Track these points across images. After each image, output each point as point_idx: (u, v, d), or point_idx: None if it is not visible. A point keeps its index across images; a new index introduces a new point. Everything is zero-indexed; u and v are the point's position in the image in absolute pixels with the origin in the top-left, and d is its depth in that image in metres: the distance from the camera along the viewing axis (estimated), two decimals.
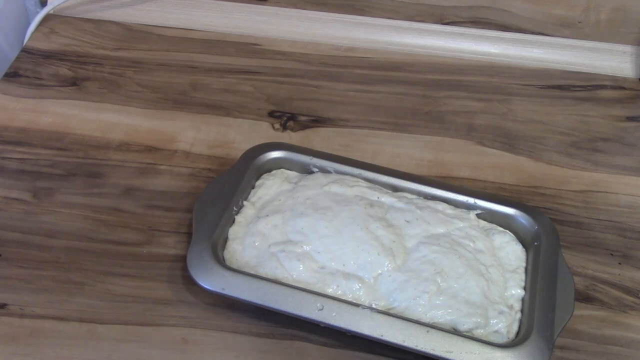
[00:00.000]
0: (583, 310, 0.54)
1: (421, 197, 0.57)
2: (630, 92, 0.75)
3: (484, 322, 0.49)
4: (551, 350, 0.47)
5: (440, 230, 0.54)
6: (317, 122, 0.69)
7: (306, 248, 0.52)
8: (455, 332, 0.48)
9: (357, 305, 0.48)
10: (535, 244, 0.54)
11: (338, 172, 0.59)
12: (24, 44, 0.77)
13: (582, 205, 0.62)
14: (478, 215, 0.56)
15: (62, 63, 0.74)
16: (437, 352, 0.46)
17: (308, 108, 0.71)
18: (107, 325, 0.51)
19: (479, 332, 0.49)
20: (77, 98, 0.70)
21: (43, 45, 0.76)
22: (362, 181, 0.58)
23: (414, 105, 0.72)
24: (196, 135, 0.67)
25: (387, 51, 0.78)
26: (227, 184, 0.56)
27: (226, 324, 0.51)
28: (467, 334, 0.48)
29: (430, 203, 0.57)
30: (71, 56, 0.75)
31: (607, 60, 0.78)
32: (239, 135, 0.67)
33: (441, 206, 0.56)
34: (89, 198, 0.60)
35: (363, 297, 0.50)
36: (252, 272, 0.51)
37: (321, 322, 0.48)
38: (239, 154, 0.60)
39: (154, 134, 0.66)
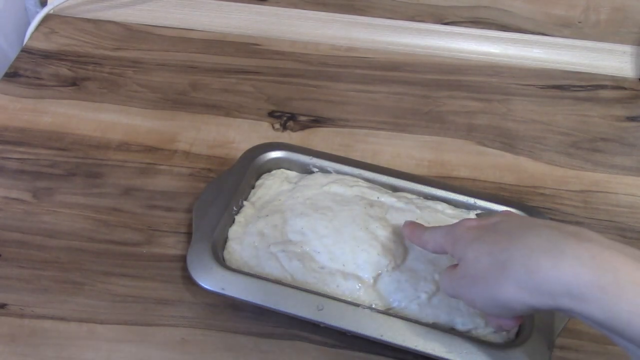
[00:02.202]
0: None
1: (421, 197, 0.57)
2: (630, 92, 0.75)
3: (483, 322, 0.49)
4: (551, 350, 0.47)
5: None
6: (317, 122, 0.69)
7: (306, 248, 0.52)
8: (455, 332, 0.48)
9: (357, 305, 0.48)
10: None
11: (338, 172, 0.59)
12: (24, 44, 0.77)
13: (582, 205, 0.62)
14: (478, 215, 0.56)
15: (62, 63, 0.74)
16: (437, 353, 0.46)
17: (308, 108, 0.71)
18: (107, 325, 0.51)
19: (479, 332, 0.49)
20: (77, 98, 0.70)
21: (43, 45, 0.76)
22: (362, 181, 0.58)
23: (414, 105, 0.72)
24: (196, 135, 0.67)
25: (387, 51, 0.78)
26: (227, 184, 0.56)
27: (226, 324, 0.51)
28: (467, 334, 0.48)
29: (430, 203, 0.57)
30: (71, 56, 0.75)
31: (607, 60, 0.78)
32: (239, 135, 0.67)
33: (441, 206, 0.56)
34: (89, 198, 0.60)
35: (363, 297, 0.50)
36: (252, 272, 0.51)
37: (321, 322, 0.48)
38: (239, 154, 0.60)
39: (153, 134, 0.66)
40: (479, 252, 0.41)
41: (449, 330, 0.48)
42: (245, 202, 0.56)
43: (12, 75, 0.72)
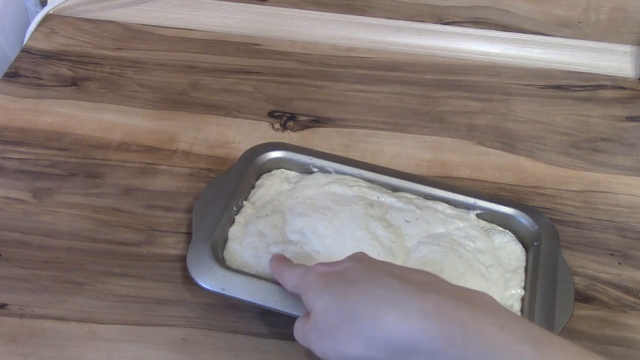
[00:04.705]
0: (583, 310, 0.54)
1: (421, 197, 0.57)
2: (630, 92, 0.75)
3: None
4: None
5: (440, 230, 0.54)
6: (317, 122, 0.69)
7: (306, 248, 0.52)
8: None
9: None
10: (535, 244, 0.54)
11: (338, 172, 0.59)
12: (24, 44, 0.77)
13: (582, 205, 0.62)
14: (478, 215, 0.57)
15: (62, 63, 0.74)
16: None
17: (308, 108, 0.71)
18: (107, 325, 0.51)
19: None
20: (77, 98, 0.70)
21: (43, 45, 0.76)
22: (362, 181, 0.58)
23: (414, 105, 0.72)
24: (196, 135, 0.67)
25: (387, 51, 0.78)
26: (227, 184, 0.56)
27: (226, 324, 0.51)
28: None
29: (430, 203, 0.57)
30: (71, 56, 0.75)
31: (607, 60, 0.78)
32: (239, 135, 0.67)
33: (441, 206, 0.56)
34: (89, 198, 0.60)
35: None
36: (252, 272, 0.51)
37: None
38: (239, 154, 0.60)
39: (154, 134, 0.66)
40: (328, 304, 0.40)
41: None
42: (245, 202, 0.56)
43: (12, 75, 0.72)
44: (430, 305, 0.36)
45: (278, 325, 0.51)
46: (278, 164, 0.60)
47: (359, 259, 0.43)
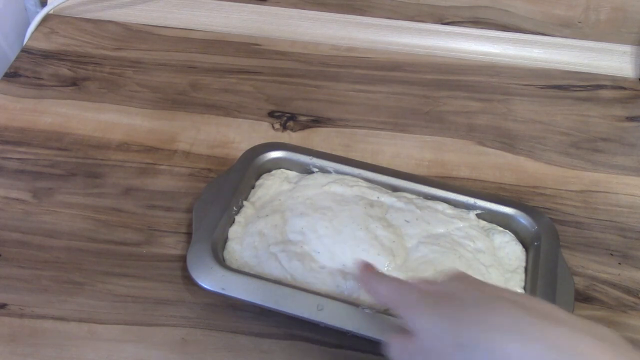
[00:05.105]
0: (583, 310, 0.54)
1: (421, 197, 0.57)
2: (630, 92, 0.75)
3: None
4: None
5: (440, 230, 0.54)
6: (317, 122, 0.69)
7: (306, 248, 0.52)
8: None
9: (357, 305, 0.48)
10: (535, 244, 0.54)
11: (338, 172, 0.59)
12: (24, 44, 0.77)
13: (582, 205, 0.62)
14: (478, 215, 0.56)
15: (62, 63, 0.74)
16: None
17: (308, 108, 0.71)
18: (107, 325, 0.51)
19: None
20: (77, 98, 0.70)
21: (43, 45, 0.76)
22: (362, 181, 0.58)
23: (414, 105, 0.72)
24: (196, 135, 0.67)
25: (387, 51, 0.78)
26: (227, 184, 0.56)
27: (226, 324, 0.51)
28: None
29: (430, 203, 0.57)
30: (71, 56, 0.75)
31: (607, 60, 0.78)
32: (239, 135, 0.67)
33: (441, 206, 0.56)
34: (89, 198, 0.60)
35: (363, 297, 0.49)
36: (252, 272, 0.51)
37: (321, 322, 0.47)
38: (239, 154, 0.60)
39: (153, 134, 0.66)
40: (436, 326, 0.37)
41: None
42: (245, 202, 0.56)
43: (12, 75, 0.72)
44: (559, 338, 0.34)
45: (278, 325, 0.51)
46: (278, 164, 0.60)
47: (462, 279, 0.41)
